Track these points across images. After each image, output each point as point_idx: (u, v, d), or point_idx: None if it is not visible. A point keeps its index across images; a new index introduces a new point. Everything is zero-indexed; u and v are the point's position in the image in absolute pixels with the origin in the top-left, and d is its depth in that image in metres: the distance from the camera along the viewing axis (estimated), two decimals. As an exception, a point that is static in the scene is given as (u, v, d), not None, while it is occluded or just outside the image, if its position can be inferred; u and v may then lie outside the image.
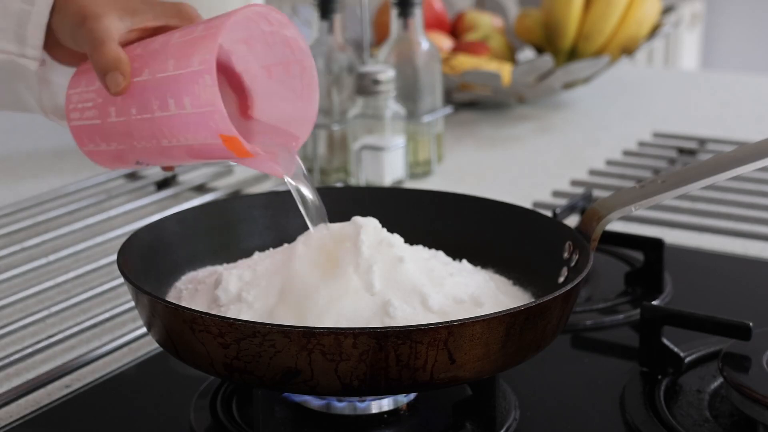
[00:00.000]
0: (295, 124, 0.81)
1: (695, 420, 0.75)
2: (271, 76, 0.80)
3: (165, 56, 0.74)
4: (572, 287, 0.71)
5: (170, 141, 0.75)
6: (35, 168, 1.39)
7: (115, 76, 0.75)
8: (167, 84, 0.74)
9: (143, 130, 0.76)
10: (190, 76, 0.72)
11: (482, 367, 0.67)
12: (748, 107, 1.71)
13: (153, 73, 0.74)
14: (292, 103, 0.80)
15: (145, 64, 0.75)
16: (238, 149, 0.73)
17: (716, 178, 0.77)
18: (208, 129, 0.73)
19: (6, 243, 1.10)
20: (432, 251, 0.81)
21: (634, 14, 1.66)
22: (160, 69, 0.74)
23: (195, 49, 0.73)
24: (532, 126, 1.59)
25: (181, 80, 0.73)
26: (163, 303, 0.68)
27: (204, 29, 0.74)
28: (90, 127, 0.79)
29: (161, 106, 0.74)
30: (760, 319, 0.80)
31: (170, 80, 0.73)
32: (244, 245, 0.85)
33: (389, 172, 1.25)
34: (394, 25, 1.33)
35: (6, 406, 0.79)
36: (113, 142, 0.78)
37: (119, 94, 0.75)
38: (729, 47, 3.76)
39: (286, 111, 0.81)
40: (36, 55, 0.80)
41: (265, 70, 0.80)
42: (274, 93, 0.81)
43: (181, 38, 0.74)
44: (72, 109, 0.80)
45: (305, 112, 0.80)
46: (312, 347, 0.64)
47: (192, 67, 0.72)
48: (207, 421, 0.75)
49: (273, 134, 0.80)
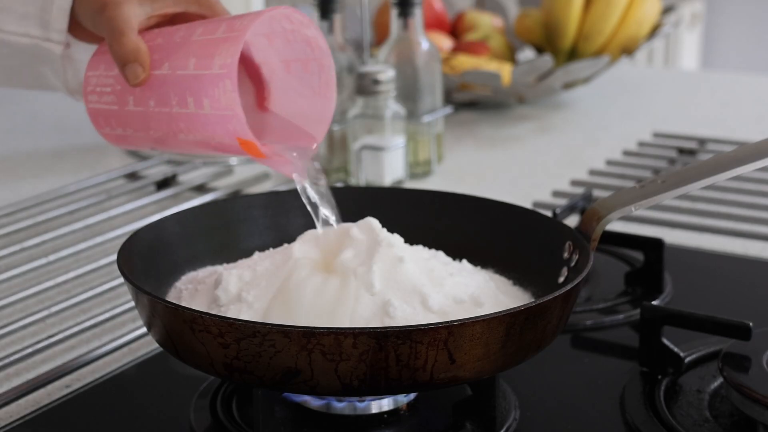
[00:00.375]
0: (311, 123, 0.80)
1: (695, 420, 0.75)
2: (290, 71, 0.80)
3: (186, 53, 0.74)
4: (572, 287, 0.71)
5: (186, 135, 0.75)
6: (35, 168, 1.39)
7: (134, 68, 0.74)
8: (187, 82, 0.73)
9: (160, 122, 0.76)
10: (211, 79, 0.72)
11: (482, 367, 0.67)
12: (748, 107, 1.71)
13: (173, 68, 0.74)
14: (308, 101, 0.80)
15: (166, 57, 0.75)
16: (253, 151, 0.74)
17: (716, 178, 0.77)
18: (226, 131, 0.73)
19: (6, 243, 1.10)
20: (432, 251, 0.81)
21: (634, 14, 1.66)
22: (181, 66, 0.74)
23: (217, 50, 0.72)
24: (532, 126, 1.59)
25: (202, 81, 0.73)
26: (163, 303, 0.68)
27: (227, 29, 0.73)
28: (107, 111, 0.79)
29: (180, 102, 0.74)
30: (760, 319, 0.80)
31: (191, 79, 0.73)
32: (244, 245, 0.85)
33: (389, 172, 1.25)
34: (394, 25, 1.33)
35: (6, 406, 0.79)
36: (130, 128, 0.78)
37: (138, 85, 0.75)
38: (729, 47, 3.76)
39: (303, 108, 0.80)
40: (60, 39, 0.80)
41: (284, 64, 0.80)
42: (292, 88, 0.80)
43: (204, 36, 0.74)
44: (90, 91, 0.80)
45: (322, 110, 0.80)
46: (312, 347, 0.64)
47: (213, 70, 0.72)
48: (207, 421, 0.75)
49: (289, 131, 0.80)
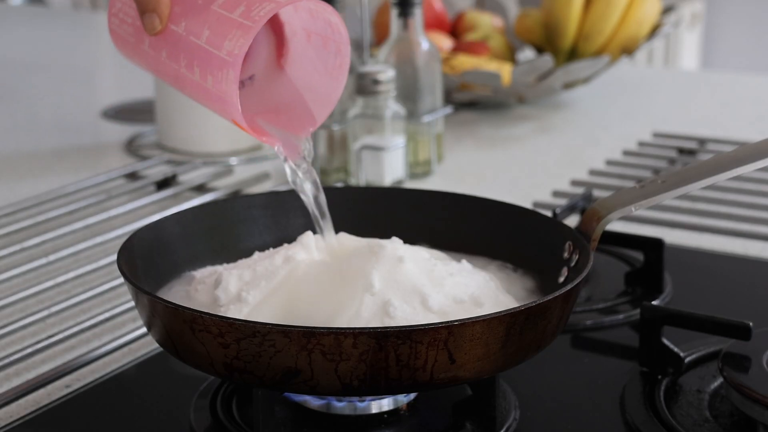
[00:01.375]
0: (317, 102, 0.81)
1: (695, 420, 0.75)
2: (310, 41, 0.80)
3: (204, 20, 0.74)
4: (572, 287, 0.71)
5: (190, 93, 0.77)
6: (35, 168, 1.39)
7: (152, 18, 0.75)
8: (197, 52, 0.74)
9: (168, 74, 0.77)
10: (218, 61, 0.73)
11: (482, 367, 0.67)
12: (748, 107, 1.71)
13: (188, 31, 0.75)
14: (320, 77, 0.80)
15: (184, 15, 0.75)
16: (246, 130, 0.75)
17: (716, 178, 0.77)
18: (223, 110, 0.74)
19: (6, 243, 1.10)
20: (432, 251, 0.81)
21: (634, 14, 1.66)
22: (195, 32, 0.74)
23: (230, 33, 0.73)
24: (532, 126, 1.59)
25: (210, 58, 0.73)
26: (163, 303, 0.68)
27: (245, 12, 0.73)
28: (125, 40, 0.80)
29: (187, 66, 0.75)
30: (760, 319, 0.80)
31: (200, 50, 0.74)
32: (244, 245, 0.85)
33: (389, 172, 1.25)
34: (394, 25, 1.33)
35: (6, 406, 0.79)
36: (143, 62, 0.80)
37: (153, 35, 0.75)
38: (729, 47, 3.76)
39: (314, 82, 0.81)
40: None
41: (306, 32, 0.80)
42: (308, 58, 0.81)
43: (223, 8, 0.74)
44: (114, 14, 0.81)
45: (330, 91, 0.80)
46: (312, 347, 0.64)
47: (221, 52, 0.73)
48: (207, 421, 0.75)
49: (294, 102, 0.80)
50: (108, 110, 1.66)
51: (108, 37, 0.82)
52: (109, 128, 1.58)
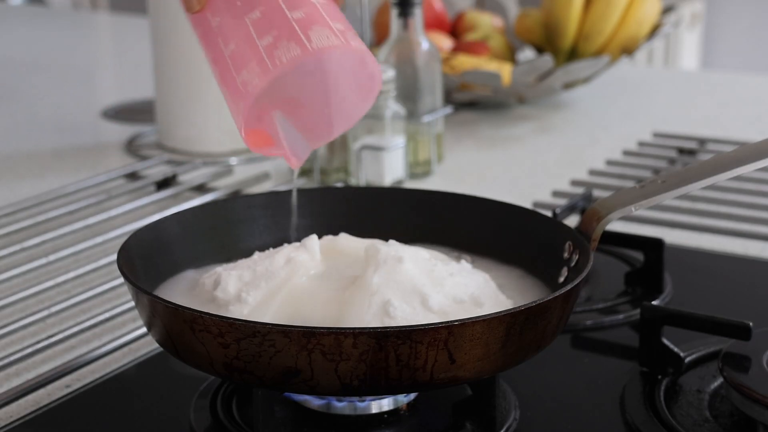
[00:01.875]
0: (340, 114, 0.78)
1: (695, 420, 0.75)
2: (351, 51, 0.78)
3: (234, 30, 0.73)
4: (572, 287, 0.71)
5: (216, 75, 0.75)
6: (35, 168, 1.39)
7: None
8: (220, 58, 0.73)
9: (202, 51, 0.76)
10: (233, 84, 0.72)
11: (482, 367, 0.67)
12: (748, 107, 1.71)
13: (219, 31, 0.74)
14: (350, 91, 0.77)
15: (220, 12, 0.74)
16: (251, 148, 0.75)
17: (716, 178, 0.77)
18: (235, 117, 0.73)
19: (6, 243, 1.10)
20: (432, 251, 0.81)
21: (634, 14, 1.66)
22: (224, 37, 0.73)
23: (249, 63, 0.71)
24: (532, 126, 1.59)
25: (227, 74, 0.72)
26: (163, 303, 0.68)
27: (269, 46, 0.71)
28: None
29: (212, 61, 0.74)
30: (760, 319, 0.80)
31: (222, 59, 0.73)
32: (244, 245, 0.85)
33: (389, 172, 1.25)
34: (394, 25, 1.33)
35: (6, 406, 0.79)
36: None
37: (190, 13, 0.75)
38: (729, 47, 3.76)
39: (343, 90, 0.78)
40: None
41: None
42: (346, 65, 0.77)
43: (254, 26, 0.72)
44: None
45: (354, 109, 0.78)
46: (312, 347, 0.64)
47: (237, 78, 0.71)
48: (207, 421, 0.75)
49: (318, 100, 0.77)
50: (108, 110, 1.66)
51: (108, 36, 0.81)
52: (109, 128, 1.58)
